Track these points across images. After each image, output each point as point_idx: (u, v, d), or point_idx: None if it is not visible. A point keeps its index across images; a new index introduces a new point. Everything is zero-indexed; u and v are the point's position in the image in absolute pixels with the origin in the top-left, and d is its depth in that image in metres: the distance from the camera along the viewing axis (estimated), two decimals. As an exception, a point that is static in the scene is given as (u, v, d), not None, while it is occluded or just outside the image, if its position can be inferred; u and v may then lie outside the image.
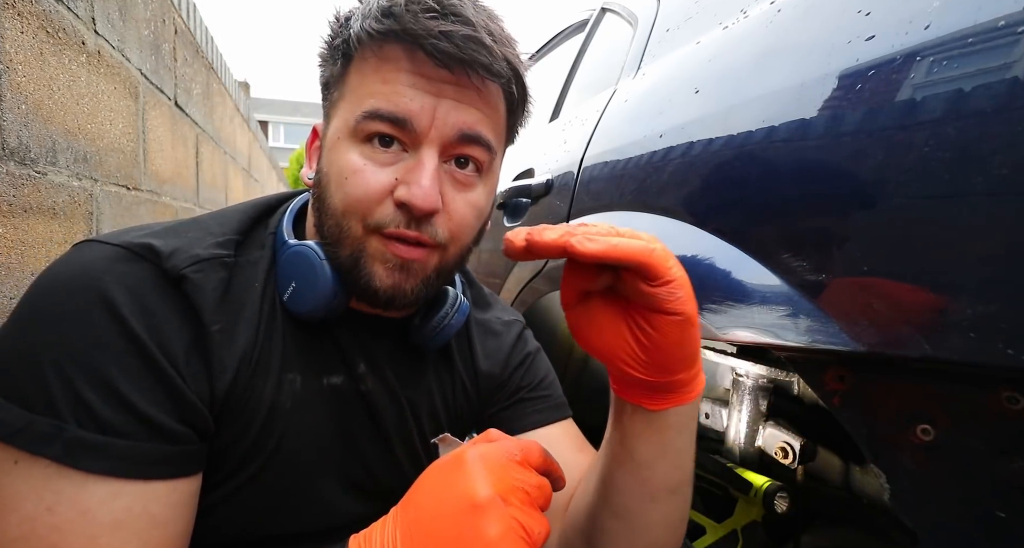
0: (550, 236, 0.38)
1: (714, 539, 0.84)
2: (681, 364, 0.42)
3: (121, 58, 1.24)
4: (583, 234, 0.37)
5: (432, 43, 0.46)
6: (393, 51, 0.49)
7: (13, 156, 0.82)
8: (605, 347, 0.43)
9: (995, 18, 0.39)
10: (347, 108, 0.51)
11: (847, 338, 0.47)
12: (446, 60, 0.47)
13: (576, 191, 1.03)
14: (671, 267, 0.39)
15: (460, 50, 0.47)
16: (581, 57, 1.54)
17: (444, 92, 0.49)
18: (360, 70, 0.50)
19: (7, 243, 0.82)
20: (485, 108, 0.51)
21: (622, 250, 0.37)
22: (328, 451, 0.55)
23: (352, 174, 0.49)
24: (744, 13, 0.75)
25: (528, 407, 0.66)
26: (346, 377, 0.56)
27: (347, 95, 0.51)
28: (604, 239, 0.37)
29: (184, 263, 0.48)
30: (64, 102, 0.98)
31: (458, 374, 0.65)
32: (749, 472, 0.79)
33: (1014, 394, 0.39)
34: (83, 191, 1.07)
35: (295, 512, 0.54)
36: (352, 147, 0.50)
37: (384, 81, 0.49)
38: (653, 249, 0.38)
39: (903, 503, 0.46)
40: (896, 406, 0.46)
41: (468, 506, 0.36)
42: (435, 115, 0.49)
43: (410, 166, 0.49)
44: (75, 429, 0.40)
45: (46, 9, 0.90)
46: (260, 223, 0.58)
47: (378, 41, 0.49)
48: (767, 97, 0.60)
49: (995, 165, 0.38)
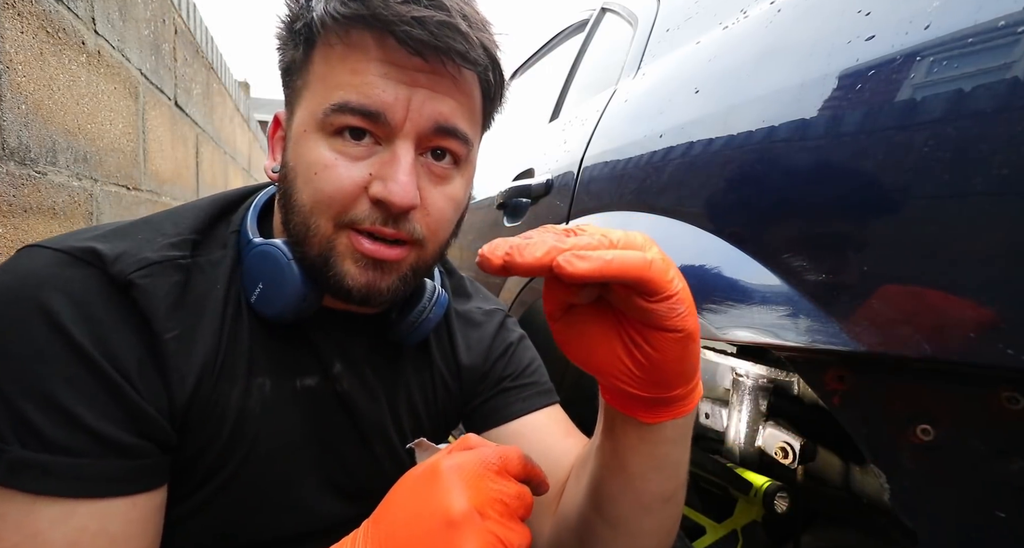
0: (533, 255, 0.32)
1: (714, 539, 0.84)
2: (680, 379, 0.39)
3: (121, 58, 1.24)
4: (572, 251, 0.32)
5: (404, 30, 0.43)
6: (361, 37, 0.45)
7: (13, 156, 0.82)
8: (596, 363, 0.39)
9: (995, 18, 0.39)
10: (313, 99, 0.48)
11: (847, 338, 0.47)
12: (420, 48, 0.44)
13: (576, 191, 1.03)
14: (672, 280, 0.34)
15: (434, 37, 0.44)
16: (581, 57, 1.54)
17: (418, 81, 0.46)
18: (325, 57, 0.47)
19: (7, 243, 0.82)
20: (461, 97, 0.49)
21: (617, 267, 0.32)
22: (304, 454, 0.54)
23: (322, 169, 0.46)
24: (744, 13, 0.75)
25: (512, 396, 0.65)
26: (321, 378, 0.55)
27: (312, 84, 0.48)
28: (596, 255, 0.32)
29: (131, 268, 0.45)
30: (64, 102, 0.98)
31: (438, 369, 0.64)
32: (749, 472, 0.79)
33: (1014, 394, 0.39)
34: (83, 191, 1.07)
35: (274, 518, 0.54)
36: (321, 140, 0.47)
37: (353, 71, 0.45)
38: (651, 262, 0.33)
39: (903, 503, 0.46)
40: (896, 406, 0.46)
41: (443, 522, 0.34)
42: (409, 107, 0.46)
43: (385, 160, 0.47)
44: (17, 449, 0.39)
45: (46, 9, 0.90)
46: (221, 220, 0.55)
47: (344, 26, 0.45)
48: (767, 97, 0.60)
49: (995, 165, 0.38)
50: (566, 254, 0.32)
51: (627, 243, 0.34)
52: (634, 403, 0.41)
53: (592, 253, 0.32)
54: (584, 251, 0.32)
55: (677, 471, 0.46)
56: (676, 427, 0.43)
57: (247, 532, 0.53)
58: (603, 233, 0.34)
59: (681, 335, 0.35)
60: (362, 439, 0.58)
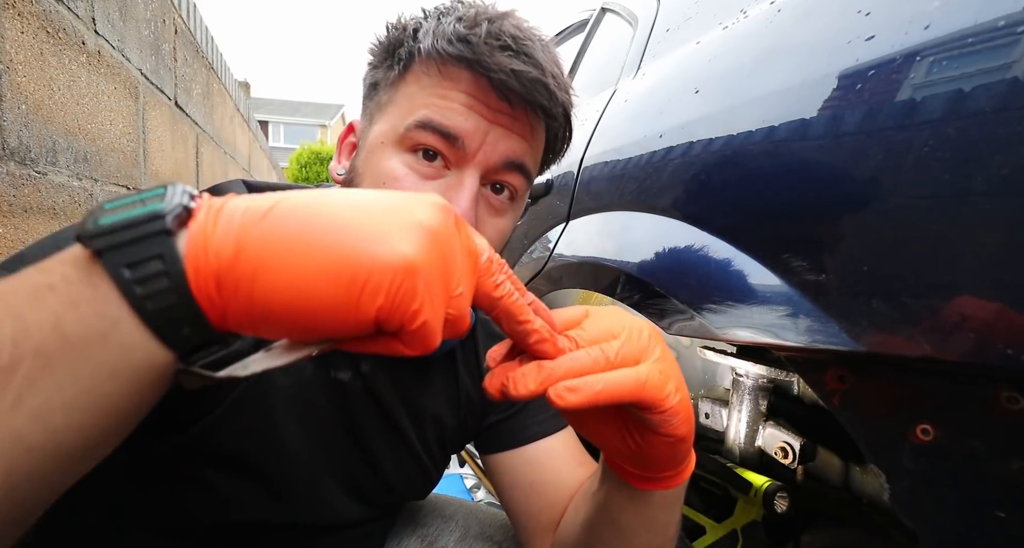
0: (527, 389, 0.32)
1: (714, 539, 0.84)
2: (669, 465, 0.41)
3: (121, 58, 1.24)
4: (563, 382, 0.32)
5: (501, 79, 0.47)
6: (458, 72, 0.49)
7: (13, 156, 0.82)
8: (593, 437, 0.41)
9: (995, 18, 0.39)
10: (397, 114, 0.50)
11: (847, 338, 0.47)
12: (510, 96, 0.48)
13: (576, 191, 1.03)
14: (667, 396, 0.34)
15: (526, 91, 0.48)
16: (581, 57, 1.54)
17: (499, 121, 0.49)
18: (419, 80, 0.50)
19: (7, 243, 0.82)
20: (532, 141, 0.52)
21: (608, 395, 0.32)
22: (331, 445, 0.55)
23: (391, 181, 0.49)
24: (744, 13, 0.75)
25: (528, 418, 0.65)
26: (353, 374, 0.56)
27: (399, 101, 0.51)
28: (587, 386, 0.32)
29: None
30: (64, 102, 0.98)
31: (463, 379, 0.65)
32: (749, 472, 0.79)
33: (1014, 394, 0.39)
34: (83, 191, 1.07)
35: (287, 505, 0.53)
36: (395, 154, 0.49)
37: (442, 96, 0.49)
38: (644, 383, 0.33)
39: (903, 503, 0.46)
40: (896, 406, 0.46)
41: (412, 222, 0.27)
42: (486, 140, 0.49)
43: (452, 184, 0.49)
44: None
45: (46, 9, 0.90)
46: None
47: (446, 61, 0.49)
48: (767, 97, 0.60)
49: (995, 165, 0.38)
50: (558, 387, 0.32)
51: (626, 355, 0.34)
52: (626, 472, 0.43)
53: (582, 383, 0.32)
54: (575, 382, 0.32)
55: (666, 530, 0.48)
56: (665, 495, 0.45)
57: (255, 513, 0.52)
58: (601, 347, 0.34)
59: (672, 439, 0.37)
60: (387, 439, 0.59)
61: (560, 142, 0.57)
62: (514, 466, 0.63)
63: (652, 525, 0.47)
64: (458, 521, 0.73)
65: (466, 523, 0.73)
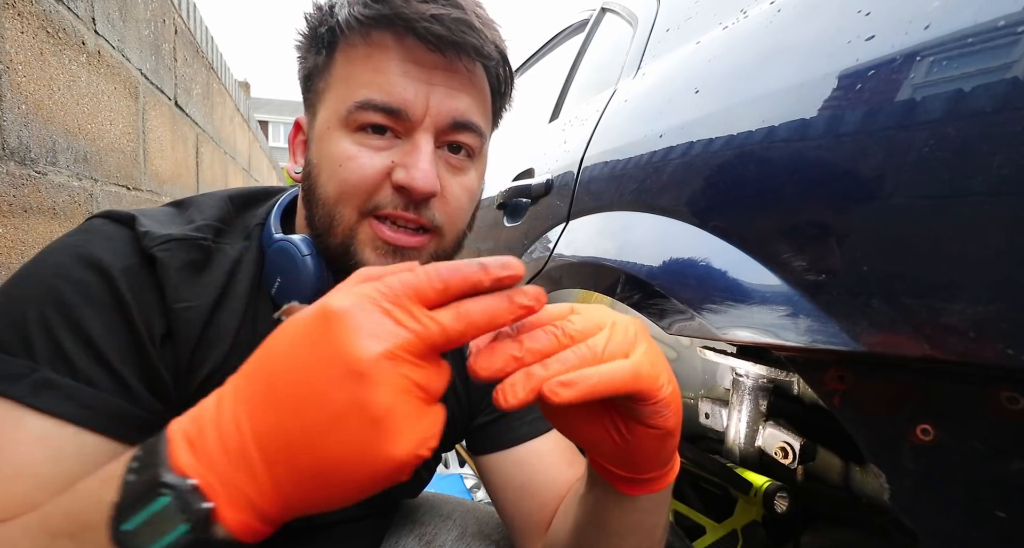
0: (516, 399, 0.31)
1: (714, 539, 0.84)
2: (655, 466, 0.41)
3: (121, 58, 1.24)
4: (556, 377, 0.31)
5: (424, 26, 0.47)
6: (382, 37, 0.49)
7: (13, 156, 0.82)
8: (579, 438, 0.40)
9: (995, 18, 0.39)
10: (336, 98, 0.51)
11: (847, 338, 0.47)
12: (438, 43, 0.47)
13: (576, 191, 1.03)
14: (661, 386, 0.35)
15: (451, 33, 0.47)
16: (581, 57, 1.54)
17: (435, 79, 0.49)
18: (348, 58, 0.50)
19: (7, 243, 0.82)
20: (475, 93, 0.52)
21: (603, 387, 0.32)
22: None
23: (347, 160, 0.49)
24: (744, 13, 0.75)
25: (516, 419, 0.64)
26: None
27: (335, 85, 0.51)
28: (581, 380, 0.31)
29: (154, 242, 0.48)
30: (64, 102, 0.98)
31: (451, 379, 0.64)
32: (749, 472, 0.79)
33: (1014, 394, 0.39)
34: (83, 191, 1.07)
35: None
36: (344, 136, 0.50)
37: (375, 70, 0.49)
38: (637, 374, 0.33)
39: (903, 503, 0.46)
40: (896, 406, 0.46)
41: (344, 372, 0.28)
42: (428, 103, 0.49)
43: (407, 150, 0.49)
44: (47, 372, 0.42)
45: (46, 9, 0.90)
46: (245, 212, 0.58)
47: (367, 27, 0.49)
48: (767, 97, 0.60)
49: (995, 165, 0.38)
50: (551, 383, 0.31)
51: (614, 349, 0.34)
52: (612, 475, 0.42)
53: (578, 377, 0.32)
54: (569, 376, 0.32)
55: (653, 533, 0.48)
56: (651, 499, 0.45)
57: None
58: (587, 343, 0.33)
59: (661, 432, 0.37)
60: None
61: (503, 83, 0.56)
62: (504, 467, 0.63)
63: (639, 529, 0.47)
64: (456, 520, 0.73)
65: (464, 522, 0.73)
